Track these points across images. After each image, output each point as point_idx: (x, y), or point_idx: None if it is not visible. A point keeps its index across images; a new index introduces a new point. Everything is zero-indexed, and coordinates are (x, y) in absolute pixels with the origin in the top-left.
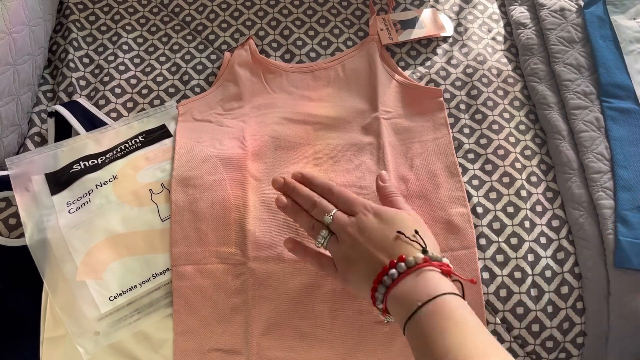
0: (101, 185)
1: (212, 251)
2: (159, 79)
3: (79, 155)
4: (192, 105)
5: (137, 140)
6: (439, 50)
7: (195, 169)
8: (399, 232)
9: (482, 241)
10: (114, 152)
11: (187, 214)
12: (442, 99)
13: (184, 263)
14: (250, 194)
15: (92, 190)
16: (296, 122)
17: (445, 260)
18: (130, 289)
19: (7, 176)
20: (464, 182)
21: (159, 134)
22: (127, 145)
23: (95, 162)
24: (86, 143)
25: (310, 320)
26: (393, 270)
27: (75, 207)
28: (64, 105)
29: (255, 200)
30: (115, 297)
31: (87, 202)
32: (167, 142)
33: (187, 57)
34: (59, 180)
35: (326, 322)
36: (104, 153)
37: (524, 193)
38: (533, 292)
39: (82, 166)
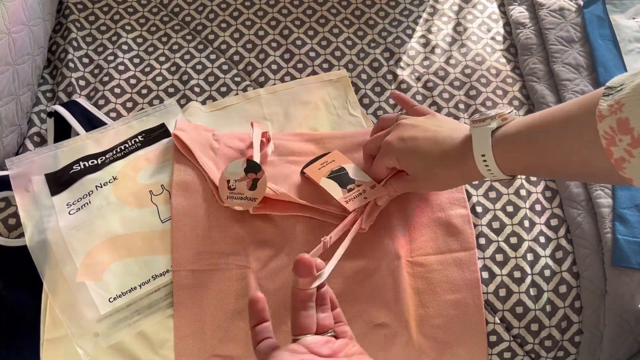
0: (101, 187)
1: (213, 256)
2: (159, 78)
3: (79, 156)
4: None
5: (137, 140)
6: (438, 50)
7: (194, 173)
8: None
9: (482, 240)
10: (114, 152)
11: (188, 218)
12: None
13: (185, 268)
14: None
15: (92, 191)
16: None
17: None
18: (130, 291)
19: (7, 176)
20: None
21: (159, 133)
22: (126, 145)
23: (95, 162)
24: (86, 143)
25: None
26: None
27: (75, 208)
28: (64, 105)
29: None
30: (115, 299)
31: (87, 203)
32: (167, 142)
33: (187, 56)
34: (59, 181)
35: None
36: (104, 153)
37: (523, 192)
38: (532, 291)
39: (82, 166)
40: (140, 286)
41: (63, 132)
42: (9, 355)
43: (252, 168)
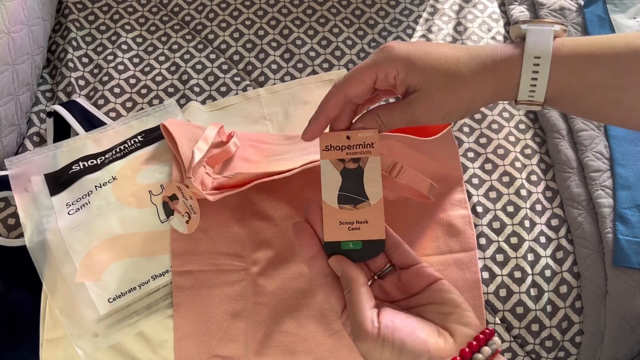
0: (100, 187)
1: (212, 257)
2: (159, 78)
3: (79, 156)
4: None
5: (136, 140)
6: None
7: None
8: None
9: (482, 240)
10: (113, 152)
11: None
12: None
13: (185, 269)
14: (248, 199)
15: (91, 191)
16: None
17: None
18: (129, 291)
19: (7, 176)
20: (464, 182)
21: (158, 133)
22: (126, 145)
23: (95, 162)
24: (85, 143)
25: (309, 326)
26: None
27: (74, 208)
28: (63, 105)
29: (253, 204)
30: (114, 299)
31: (86, 203)
32: (166, 142)
33: (187, 56)
34: (58, 181)
35: (325, 327)
36: (104, 153)
37: (523, 192)
38: (533, 291)
39: (82, 166)
40: (140, 286)
41: (63, 132)
42: (9, 355)
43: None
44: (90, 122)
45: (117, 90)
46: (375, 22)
